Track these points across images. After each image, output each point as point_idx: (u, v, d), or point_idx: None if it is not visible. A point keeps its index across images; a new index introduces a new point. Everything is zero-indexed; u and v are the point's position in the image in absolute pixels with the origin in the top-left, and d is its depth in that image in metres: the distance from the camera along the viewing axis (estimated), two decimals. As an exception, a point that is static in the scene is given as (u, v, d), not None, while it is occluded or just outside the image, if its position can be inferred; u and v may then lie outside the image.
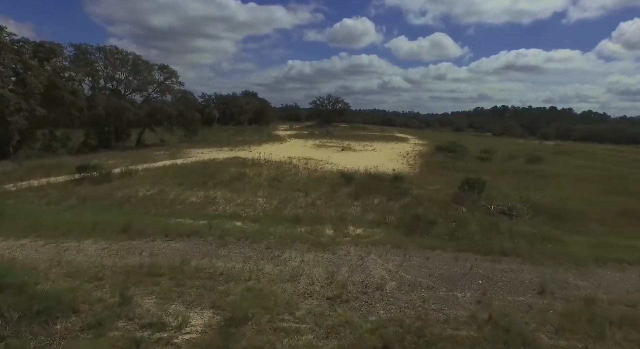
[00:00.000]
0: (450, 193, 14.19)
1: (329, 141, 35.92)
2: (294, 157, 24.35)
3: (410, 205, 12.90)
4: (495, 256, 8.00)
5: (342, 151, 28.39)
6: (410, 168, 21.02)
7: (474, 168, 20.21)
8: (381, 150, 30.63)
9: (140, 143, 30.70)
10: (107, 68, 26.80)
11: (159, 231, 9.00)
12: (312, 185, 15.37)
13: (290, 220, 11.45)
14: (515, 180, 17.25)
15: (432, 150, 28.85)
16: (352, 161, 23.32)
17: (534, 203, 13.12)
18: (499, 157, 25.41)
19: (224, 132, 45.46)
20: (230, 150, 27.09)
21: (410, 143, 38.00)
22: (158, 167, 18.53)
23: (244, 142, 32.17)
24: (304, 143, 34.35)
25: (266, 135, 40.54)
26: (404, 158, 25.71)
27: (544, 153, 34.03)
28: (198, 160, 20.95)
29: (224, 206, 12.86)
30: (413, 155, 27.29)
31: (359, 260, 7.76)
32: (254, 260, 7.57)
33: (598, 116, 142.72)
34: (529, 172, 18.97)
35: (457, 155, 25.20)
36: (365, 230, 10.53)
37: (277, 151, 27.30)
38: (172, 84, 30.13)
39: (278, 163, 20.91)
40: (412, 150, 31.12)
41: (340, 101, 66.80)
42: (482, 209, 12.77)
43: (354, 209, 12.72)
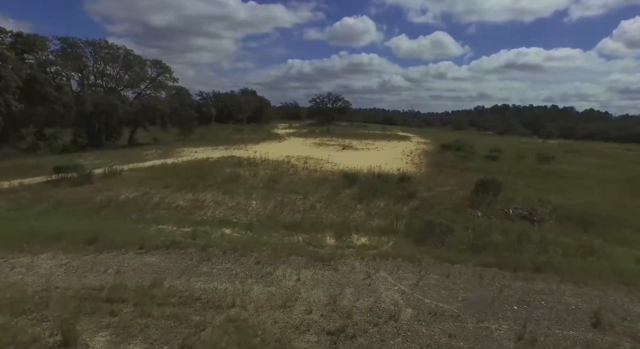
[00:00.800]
0: (463, 196, 12.95)
1: (329, 139, 34.66)
2: (293, 156, 23.11)
3: (420, 209, 11.65)
4: (528, 273, 6.75)
5: (343, 150, 27.14)
6: (416, 168, 19.76)
7: (485, 168, 18.95)
8: (384, 148, 29.36)
9: (133, 142, 29.46)
10: (97, 64, 25.55)
11: (133, 241, 7.76)
12: (312, 186, 14.12)
13: (286, 226, 10.22)
14: (531, 181, 15.99)
15: (437, 148, 27.59)
16: (354, 160, 22.06)
17: (557, 207, 11.87)
18: (508, 156, 24.14)
19: (222, 130, 44.18)
20: (226, 148, 25.84)
21: (413, 141, 36.73)
22: (146, 167, 17.29)
23: (241, 141, 30.92)
24: (303, 141, 33.09)
25: (265, 134, 39.28)
26: (408, 157, 24.45)
27: (553, 152, 32.77)
28: (190, 159, 19.71)
29: (213, 210, 11.62)
30: (417, 153, 26.03)
31: (366, 278, 6.53)
32: (240, 279, 6.33)
33: (600, 114, 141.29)
34: (545, 172, 17.71)
35: (464, 153, 23.94)
36: (371, 238, 9.29)
37: (275, 150, 26.05)
38: (166, 80, 28.88)
39: (275, 162, 19.66)
40: (416, 148, 29.87)
41: (341, 99, 65.59)
42: (499, 213, 11.52)
43: (358, 214, 11.48)
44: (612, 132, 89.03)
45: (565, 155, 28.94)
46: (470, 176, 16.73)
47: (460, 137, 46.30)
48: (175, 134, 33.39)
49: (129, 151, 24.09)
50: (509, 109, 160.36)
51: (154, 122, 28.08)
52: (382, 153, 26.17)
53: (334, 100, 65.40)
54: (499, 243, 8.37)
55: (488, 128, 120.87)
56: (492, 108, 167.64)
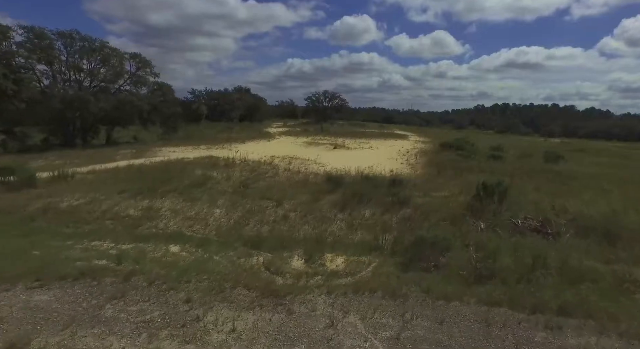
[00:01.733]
0: (463, 202, 11.12)
1: (321, 138, 32.82)
2: (279, 155, 21.29)
3: (411, 220, 9.84)
4: (551, 318, 4.95)
5: (334, 149, 25.31)
6: (412, 169, 17.93)
7: (488, 168, 17.13)
8: (379, 148, 27.53)
9: (112, 141, 27.65)
10: (71, 57, 23.69)
11: (32, 270, 5.96)
12: (289, 191, 12.31)
13: (249, 241, 8.45)
14: (540, 183, 14.17)
15: (435, 147, 25.75)
16: (345, 161, 20.23)
17: (574, 215, 10.05)
18: (512, 155, 22.33)
19: (211, 128, 42.33)
20: (208, 148, 24.02)
21: (410, 140, 34.90)
22: (108, 169, 15.47)
23: (228, 140, 29.05)
24: (294, 140, 31.26)
25: (256, 132, 37.43)
26: (404, 157, 22.62)
27: (559, 151, 30.94)
28: (163, 160, 17.88)
29: (168, 221, 9.83)
30: (414, 153, 24.20)
31: (328, 328, 4.72)
32: (149, 333, 4.52)
33: (601, 113, 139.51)
34: (555, 173, 15.89)
35: (465, 152, 22.12)
36: (349, 259, 7.51)
37: (262, 149, 24.24)
38: (147, 75, 27.06)
39: (256, 163, 17.84)
40: (413, 147, 28.03)
41: (337, 97, 63.67)
42: (506, 224, 9.71)
43: (338, 225, 9.68)
44: (614, 131, 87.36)
45: (573, 154, 27.09)
46: (471, 179, 14.92)
47: (461, 136, 44.57)
48: (160, 133, 31.64)
49: (101, 151, 22.28)
50: (509, 108, 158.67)
51: (131, 120, 26.28)
52: (376, 153, 24.34)
53: (330, 98, 63.54)
54: (509, 268, 6.55)
55: (488, 127, 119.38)
56: (492, 107, 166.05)
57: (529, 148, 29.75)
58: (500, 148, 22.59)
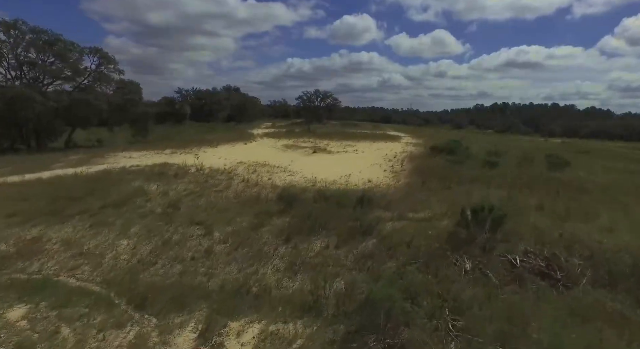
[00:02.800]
0: (446, 229, 8.67)
1: (305, 140, 30.34)
2: (247, 161, 18.85)
3: (374, 257, 7.39)
4: None
5: (314, 153, 22.83)
6: (394, 178, 15.47)
7: (481, 177, 14.68)
8: (364, 151, 25.06)
9: (72, 144, 25.19)
10: (17, 51, 21.22)
11: None
12: (230, 212, 9.85)
13: (139, 294, 6.01)
14: (544, 198, 11.70)
15: (426, 151, 23.28)
16: (320, 168, 17.79)
17: (591, 249, 7.60)
18: (511, 160, 19.86)
19: (193, 129, 39.89)
20: (172, 153, 21.56)
21: (402, 142, 32.41)
22: (27, 181, 13.01)
23: (202, 142, 26.56)
24: (274, 143, 28.79)
25: (237, 134, 34.92)
26: (390, 162, 20.15)
27: (561, 152, 28.49)
28: (102, 169, 15.36)
29: (48, 260, 7.37)
30: (402, 158, 21.73)
31: None
32: None
33: (601, 112, 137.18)
34: (561, 184, 13.43)
35: (457, 157, 19.66)
36: (268, 327, 5.09)
37: (233, 153, 21.81)
38: (110, 72, 24.61)
39: (213, 172, 15.40)
40: (403, 151, 25.56)
41: (330, 96, 61.11)
42: (499, 262, 7.27)
43: (275, 264, 7.23)
44: (616, 131, 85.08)
45: (577, 157, 24.63)
46: (461, 191, 12.47)
47: (457, 136, 42.08)
48: (129, 135, 29.19)
49: (49, 156, 19.80)
50: (508, 107, 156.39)
51: (88, 121, 23.79)
52: (359, 158, 21.87)
53: (322, 98, 60.98)
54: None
55: (488, 126, 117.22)
56: (492, 107, 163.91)
57: (529, 151, 27.29)
58: (497, 152, 20.11)
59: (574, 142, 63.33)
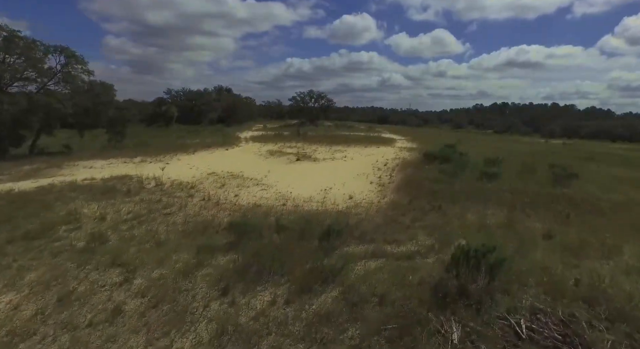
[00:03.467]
0: (431, 272, 6.84)
1: (292, 146, 28.51)
2: (220, 172, 17.07)
3: (333, 318, 5.56)
4: None
5: (297, 161, 21.00)
6: (379, 193, 13.65)
7: (478, 193, 12.86)
8: (353, 158, 23.24)
9: (36, 151, 23.32)
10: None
11: None
12: (168, 246, 8.01)
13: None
14: (551, 223, 9.88)
15: (419, 158, 21.44)
16: (299, 180, 15.99)
17: (619, 303, 5.79)
18: (510, 169, 18.03)
19: (178, 132, 38.00)
20: (142, 161, 19.73)
21: (395, 147, 30.58)
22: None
23: (178, 149, 24.76)
24: (259, 148, 26.97)
25: (221, 138, 33.09)
26: (379, 172, 18.35)
27: (565, 158, 26.67)
28: (43, 185, 13.49)
29: None
30: (392, 166, 19.90)
31: None
32: None
33: (602, 112, 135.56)
34: (570, 203, 11.61)
35: (452, 166, 17.86)
36: None
37: (209, 162, 20.02)
38: (78, 73, 22.72)
39: (174, 187, 13.58)
40: (395, 157, 23.75)
41: (324, 97, 59.14)
42: (499, 329, 5.45)
43: (199, 332, 5.39)
44: (618, 131, 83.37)
45: (583, 165, 22.83)
46: (453, 212, 10.66)
47: (455, 138, 40.23)
48: (105, 140, 27.32)
49: (2, 165, 17.93)
50: (508, 107, 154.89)
51: (50, 126, 21.90)
52: (346, 166, 20.06)
53: (316, 99, 59.07)
54: None
55: (487, 126, 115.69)
56: (491, 107, 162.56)
57: (530, 158, 25.49)
58: (496, 161, 18.27)
59: (575, 143, 61.58)
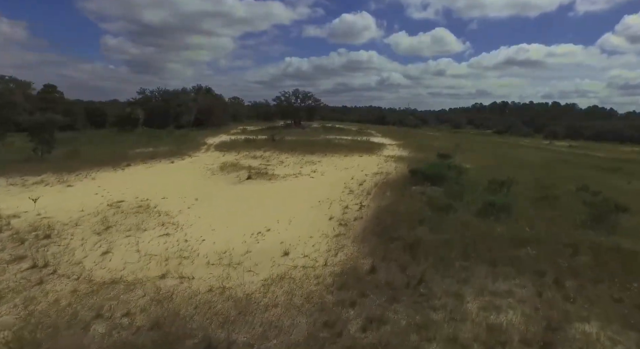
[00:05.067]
0: None
1: (256, 155, 23.92)
2: (134, 200, 12.55)
3: None
4: None
5: (248, 180, 16.38)
6: (334, 244, 9.09)
7: (482, 246, 8.32)
8: (325, 173, 18.69)
9: None
10: None
11: None
12: None
13: None
14: (610, 314, 5.39)
15: (405, 176, 16.87)
16: (231, 214, 11.46)
17: None
18: (524, 194, 13.48)
19: (132, 138, 33.26)
20: (34, 184, 15.12)
21: (381, 156, 25.99)
22: None
23: (111, 161, 20.11)
24: (215, 159, 22.37)
25: (178, 146, 28.46)
26: (349, 196, 13.81)
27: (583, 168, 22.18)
28: None
29: None
30: (370, 187, 15.35)
31: None
32: None
33: (604, 111, 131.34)
34: (627, 269, 7.09)
35: (447, 189, 13.37)
36: None
37: (134, 182, 15.53)
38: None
39: (13, 235, 9.02)
40: (378, 171, 19.22)
41: (310, 97, 54.42)
42: None
43: None
44: (625, 132, 78.93)
45: (614, 181, 18.32)
46: (445, 304, 6.11)
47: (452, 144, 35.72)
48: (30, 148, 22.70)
49: None
50: (508, 106, 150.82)
51: None
52: (310, 188, 15.52)
53: (302, 99, 54.37)
54: None
55: (487, 126, 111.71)
56: (491, 106, 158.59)
57: (543, 171, 21.03)
58: (504, 183, 13.69)
59: (581, 145, 57.14)
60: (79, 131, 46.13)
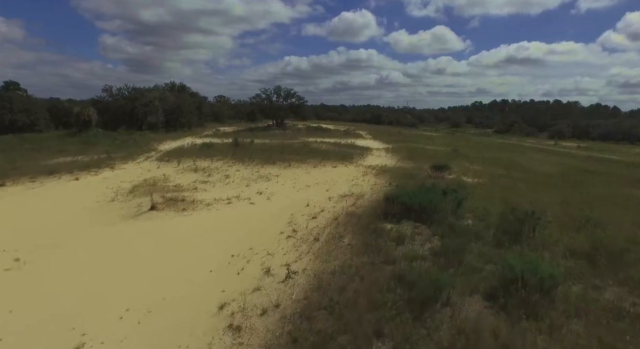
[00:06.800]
0: None
1: (200, 168, 18.82)
2: None
3: None
4: None
5: (149, 212, 11.21)
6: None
7: None
8: (276, 194, 13.64)
9: None
10: None
11: None
12: None
13: None
14: None
15: (381, 207, 11.79)
16: (53, 299, 6.34)
17: None
18: (564, 245, 8.43)
19: (70, 141, 28.03)
20: None
21: (361, 166, 20.91)
22: None
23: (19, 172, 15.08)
24: (140, 174, 17.27)
25: (121, 151, 23.35)
26: (289, 241, 8.74)
27: (621, 183, 17.11)
28: None
29: None
30: (325, 223, 10.28)
31: None
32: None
33: (607, 109, 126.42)
34: None
35: (440, 232, 8.30)
36: None
37: None
38: None
39: None
40: (347, 192, 14.17)
41: (294, 94, 49.11)
42: None
43: None
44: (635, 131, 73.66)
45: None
46: None
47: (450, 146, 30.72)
48: None
49: None
50: (508, 105, 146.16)
51: None
52: (239, 223, 10.47)
53: (284, 97, 49.09)
54: None
55: (486, 125, 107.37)
56: (491, 104, 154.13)
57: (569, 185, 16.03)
58: (527, 219, 8.57)
59: (590, 146, 52.07)
60: (40, 133, 41.42)
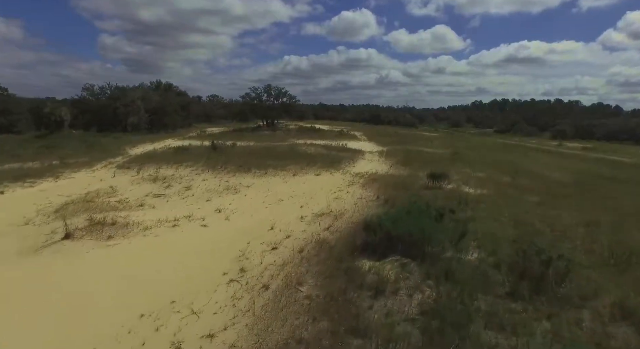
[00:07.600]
0: None
1: (161, 176, 16.43)
2: None
3: None
4: None
5: (61, 241, 8.83)
6: None
7: None
8: (237, 212, 11.27)
9: None
10: None
11: None
12: None
13: None
14: None
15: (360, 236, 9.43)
16: None
17: None
18: (593, 275, 6.06)
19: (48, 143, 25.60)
20: None
21: (348, 173, 18.51)
22: None
23: None
24: (89, 184, 14.87)
25: (84, 156, 20.95)
26: (230, 289, 6.35)
27: None
28: None
29: None
30: (288, 256, 7.89)
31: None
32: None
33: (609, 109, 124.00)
34: None
35: (432, 273, 5.87)
36: None
37: None
38: None
39: None
40: (325, 209, 11.77)
41: (285, 93, 46.66)
42: None
43: None
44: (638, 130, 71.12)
45: None
46: None
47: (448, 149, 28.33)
48: None
49: None
50: (508, 104, 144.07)
51: None
52: (172, 258, 8.04)
53: (275, 96, 46.64)
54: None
55: (486, 125, 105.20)
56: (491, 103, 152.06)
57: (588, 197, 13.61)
58: (551, 261, 6.18)
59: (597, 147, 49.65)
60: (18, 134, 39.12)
